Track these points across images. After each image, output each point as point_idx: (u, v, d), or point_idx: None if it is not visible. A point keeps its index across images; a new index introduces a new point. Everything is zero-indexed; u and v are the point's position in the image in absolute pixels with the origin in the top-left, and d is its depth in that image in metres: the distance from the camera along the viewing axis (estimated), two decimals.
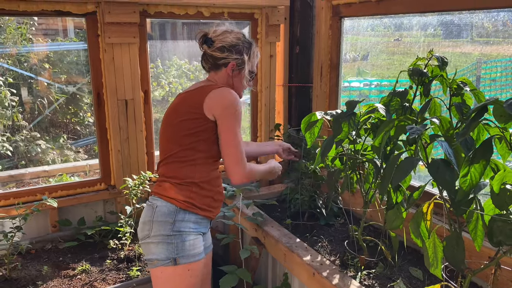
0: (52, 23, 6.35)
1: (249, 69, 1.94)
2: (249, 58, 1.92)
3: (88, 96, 5.80)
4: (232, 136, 1.81)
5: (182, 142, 1.84)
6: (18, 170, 3.72)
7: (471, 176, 1.34)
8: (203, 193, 1.87)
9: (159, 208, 1.82)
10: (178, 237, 1.79)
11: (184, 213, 1.81)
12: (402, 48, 5.42)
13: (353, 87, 6.67)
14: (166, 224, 1.79)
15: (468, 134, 1.36)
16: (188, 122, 1.83)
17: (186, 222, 1.81)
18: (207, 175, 1.88)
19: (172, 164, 1.87)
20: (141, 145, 2.78)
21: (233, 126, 1.81)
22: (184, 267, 1.80)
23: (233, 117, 1.80)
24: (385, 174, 1.67)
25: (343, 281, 1.91)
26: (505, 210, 1.43)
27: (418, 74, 1.76)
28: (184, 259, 1.79)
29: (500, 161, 1.49)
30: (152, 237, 1.80)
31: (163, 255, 1.78)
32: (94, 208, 2.79)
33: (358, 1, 2.62)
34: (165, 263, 1.78)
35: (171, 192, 1.83)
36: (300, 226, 2.56)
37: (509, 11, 1.96)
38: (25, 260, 2.42)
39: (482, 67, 5.71)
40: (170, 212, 1.80)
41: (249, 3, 2.92)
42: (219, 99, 1.81)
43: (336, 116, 1.85)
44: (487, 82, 6.38)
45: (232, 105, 1.80)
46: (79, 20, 5.86)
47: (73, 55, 5.91)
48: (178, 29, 6.04)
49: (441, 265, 1.56)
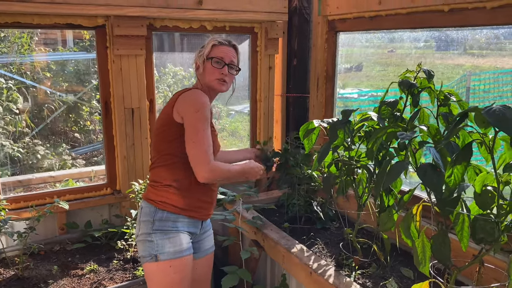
0: (51, 33, 6.49)
1: (205, 57, 1.98)
2: (202, 48, 2.01)
3: (88, 104, 5.92)
4: (193, 132, 1.84)
5: (160, 148, 1.97)
6: (25, 176, 3.83)
7: (454, 176, 1.48)
8: (183, 194, 1.96)
9: (143, 209, 1.97)
10: (158, 235, 1.90)
11: (162, 213, 1.93)
12: (395, 59, 5.59)
13: (347, 98, 6.84)
14: (147, 223, 1.93)
15: (451, 138, 1.50)
16: (164, 130, 1.95)
17: (164, 221, 1.92)
18: (188, 177, 1.94)
19: (154, 169, 2.01)
20: (146, 151, 2.90)
21: (194, 122, 1.84)
22: (165, 263, 1.89)
23: (194, 114, 1.84)
24: (378, 178, 1.81)
25: (338, 279, 2.04)
26: (487, 210, 1.57)
27: (407, 85, 1.91)
28: (164, 255, 1.89)
29: (483, 165, 1.64)
30: (139, 235, 1.95)
31: (146, 252, 1.90)
32: (100, 212, 2.91)
33: (353, 17, 2.78)
34: (148, 260, 1.90)
35: (150, 195, 1.98)
36: (297, 230, 2.68)
37: (491, 28, 2.12)
38: (35, 260, 2.53)
39: (471, 79, 5.89)
40: (151, 212, 1.94)
41: (250, 18, 3.08)
42: (183, 100, 1.90)
43: (333, 124, 1.99)
44: (480, 93, 6.55)
45: (194, 103, 1.86)
46: (78, 31, 6.00)
47: (74, 64, 6.05)
48: (176, 40, 6.19)
49: (429, 264, 1.69)
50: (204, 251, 2.17)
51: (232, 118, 7.55)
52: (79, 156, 5.64)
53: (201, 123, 1.85)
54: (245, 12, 3.02)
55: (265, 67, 3.30)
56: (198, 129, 1.84)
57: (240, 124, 7.17)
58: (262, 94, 3.35)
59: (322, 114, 3.16)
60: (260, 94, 3.35)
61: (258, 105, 3.39)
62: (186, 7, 2.78)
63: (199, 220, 2.07)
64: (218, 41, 2.00)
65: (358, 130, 2.05)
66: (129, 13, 2.61)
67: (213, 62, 1.97)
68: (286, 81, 3.47)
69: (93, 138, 6.16)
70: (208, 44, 2.00)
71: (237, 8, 2.97)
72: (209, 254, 2.22)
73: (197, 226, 2.06)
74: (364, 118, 2.02)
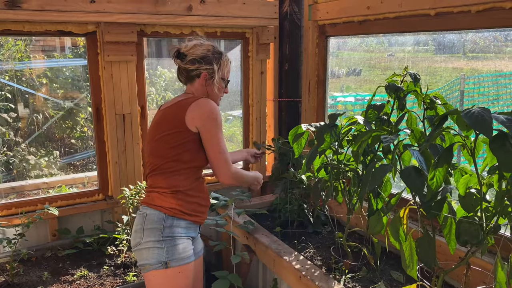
0: (50, 40, 6.51)
1: (220, 77, 2.03)
2: (219, 67, 2.03)
3: (84, 111, 5.93)
4: (217, 143, 1.92)
5: (166, 155, 1.95)
6: (18, 182, 3.84)
7: (436, 179, 1.48)
8: (189, 200, 1.97)
9: (149, 216, 1.93)
10: (168, 242, 1.89)
11: (172, 219, 1.92)
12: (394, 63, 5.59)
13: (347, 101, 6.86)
14: (156, 231, 1.90)
15: (432, 141, 1.50)
16: (170, 136, 1.94)
17: (174, 228, 1.92)
18: (192, 183, 1.98)
19: (158, 175, 1.98)
20: (138, 157, 2.91)
21: (216, 133, 1.92)
22: (175, 269, 1.89)
23: (215, 125, 1.91)
24: (364, 181, 1.82)
25: (327, 283, 2.04)
26: (471, 212, 1.57)
27: (394, 89, 1.92)
28: (174, 262, 1.89)
29: (468, 166, 1.65)
30: (143, 243, 1.91)
31: (154, 259, 1.88)
32: (92, 218, 2.91)
33: (342, 21, 2.80)
34: (157, 267, 1.88)
35: (158, 201, 1.95)
36: (289, 234, 2.68)
37: (477, 32, 2.14)
38: (26, 266, 2.53)
39: (466, 82, 5.91)
40: (159, 219, 1.91)
41: (240, 23, 3.10)
42: (199, 110, 1.92)
43: (319, 128, 2.00)
44: (475, 96, 6.56)
45: (212, 114, 1.91)
46: (76, 38, 6.02)
47: (70, 70, 6.07)
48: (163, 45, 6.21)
49: (417, 267, 1.70)
50: (197, 254, 2.17)
51: (229, 123, 7.56)
52: (68, 165, 5.63)
53: (220, 131, 1.94)
54: (236, 18, 3.03)
55: (256, 72, 3.31)
56: (219, 138, 1.93)
57: (237, 129, 7.18)
58: (254, 99, 3.36)
59: (314, 118, 3.17)
60: (252, 99, 3.37)
61: (251, 109, 3.40)
62: (176, 13, 2.80)
63: (198, 224, 2.08)
64: (230, 61, 2.09)
65: (346, 134, 2.06)
66: (119, 20, 2.63)
67: (226, 83, 2.09)
68: (278, 86, 3.48)
69: (90, 144, 6.16)
70: (226, 63, 2.06)
71: (227, 14, 2.98)
72: (200, 257, 2.22)
73: (196, 230, 2.08)
74: (351, 122, 2.03)
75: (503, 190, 1.44)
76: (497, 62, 6.37)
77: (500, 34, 3.94)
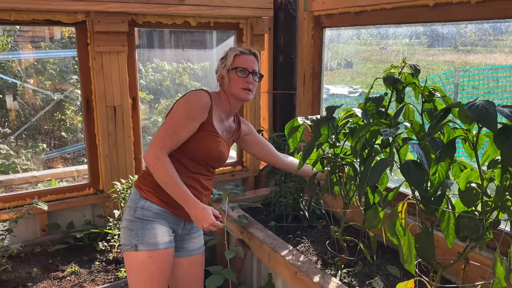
0: (39, 30, 6.38)
1: (228, 68, 2.04)
2: (224, 59, 2.07)
3: (74, 103, 5.83)
4: (166, 127, 1.90)
5: None
6: (7, 176, 3.76)
7: (439, 173, 1.45)
8: None
9: (131, 195, 1.99)
10: (138, 223, 1.89)
11: (145, 201, 1.92)
12: (386, 56, 5.56)
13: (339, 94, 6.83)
14: (130, 210, 1.93)
15: (434, 134, 1.47)
16: None
17: (146, 211, 1.91)
18: (179, 174, 1.91)
19: None
20: (129, 150, 2.85)
21: (176, 110, 1.92)
22: (145, 254, 1.87)
23: (182, 104, 1.92)
24: (362, 176, 1.78)
25: (323, 278, 2.01)
26: (471, 207, 1.55)
27: (392, 81, 1.88)
28: (143, 246, 1.87)
29: (469, 161, 1.62)
30: (123, 221, 1.94)
31: (127, 240, 1.90)
32: (83, 212, 2.85)
33: (338, 12, 2.74)
34: (128, 249, 1.89)
35: (138, 182, 1.99)
36: (284, 228, 2.65)
37: (476, 23, 2.10)
38: (15, 262, 2.47)
39: (460, 75, 5.90)
40: (135, 198, 1.94)
41: (234, 13, 3.03)
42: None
43: (316, 121, 1.96)
44: (469, 89, 6.56)
45: (188, 96, 1.95)
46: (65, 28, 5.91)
47: (59, 61, 5.96)
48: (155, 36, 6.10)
49: (415, 262, 1.67)
50: (188, 251, 2.14)
51: None
52: (58, 158, 5.54)
53: (182, 113, 1.90)
54: (229, 8, 2.96)
55: None
56: (175, 116, 1.90)
57: None
58: None
59: (309, 111, 3.13)
60: None
61: (244, 102, 3.34)
62: (168, 2, 2.73)
63: (182, 219, 2.03)
64: (240, 50, 2.05)
65: (343, 127, 2.02)
66: (110, 9, 2.55)
67: (238, 72, 2.03)
68: (272, 78, 3.43)
69: (80, 136, 6.07)
70: (230, 54, 2.05)
71: (221, 4, 2.91)
72: (195, 256, 2.18)
73: (179, 224, 2.04)
74: (348, 114, 1.98)
75: (504, 184, 1.41)
76: (488, 56, 6.38)
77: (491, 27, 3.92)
